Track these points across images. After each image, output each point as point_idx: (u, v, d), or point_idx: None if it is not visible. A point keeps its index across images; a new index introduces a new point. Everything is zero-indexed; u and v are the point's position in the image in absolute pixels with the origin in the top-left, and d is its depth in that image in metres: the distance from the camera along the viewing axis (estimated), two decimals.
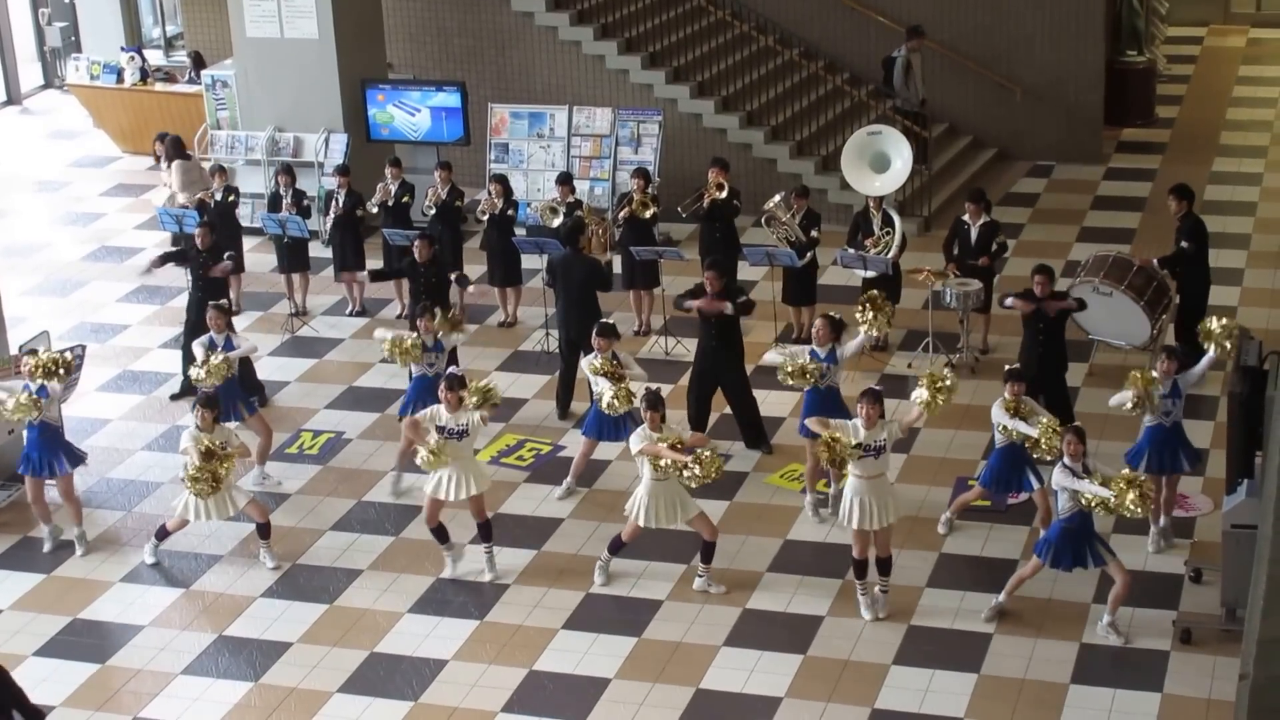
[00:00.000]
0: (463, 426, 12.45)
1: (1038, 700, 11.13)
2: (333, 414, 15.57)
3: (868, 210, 16.32)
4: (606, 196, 19.19)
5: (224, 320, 14.15)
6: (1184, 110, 23.43)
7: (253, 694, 11.61)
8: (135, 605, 12.72)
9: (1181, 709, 10.99)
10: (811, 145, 19.95)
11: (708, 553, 12.42)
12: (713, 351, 14.26)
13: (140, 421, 15.58)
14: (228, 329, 14.18)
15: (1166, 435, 12.53)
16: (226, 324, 14.18)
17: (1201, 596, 12.09)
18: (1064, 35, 20.98)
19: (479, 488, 12.58)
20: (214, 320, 14.11)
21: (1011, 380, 12.50)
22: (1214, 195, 19.88)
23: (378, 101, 19.55)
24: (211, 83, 20.57)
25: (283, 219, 17.21)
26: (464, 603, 12.52)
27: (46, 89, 26.46)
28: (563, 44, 20.21)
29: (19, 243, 20.22)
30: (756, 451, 14.42)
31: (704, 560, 12.46)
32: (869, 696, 11.25)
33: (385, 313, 17.61)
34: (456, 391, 12.48)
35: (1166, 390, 12.43)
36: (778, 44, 21.05)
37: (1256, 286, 17.42)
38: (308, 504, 13.95)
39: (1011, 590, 11.92)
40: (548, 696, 11.42)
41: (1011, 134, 21.26)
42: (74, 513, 13.47)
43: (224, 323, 14.13)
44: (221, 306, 14.35)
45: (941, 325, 16.02)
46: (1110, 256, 15.47)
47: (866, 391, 11.91)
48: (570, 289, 15.18)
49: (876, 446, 11.77)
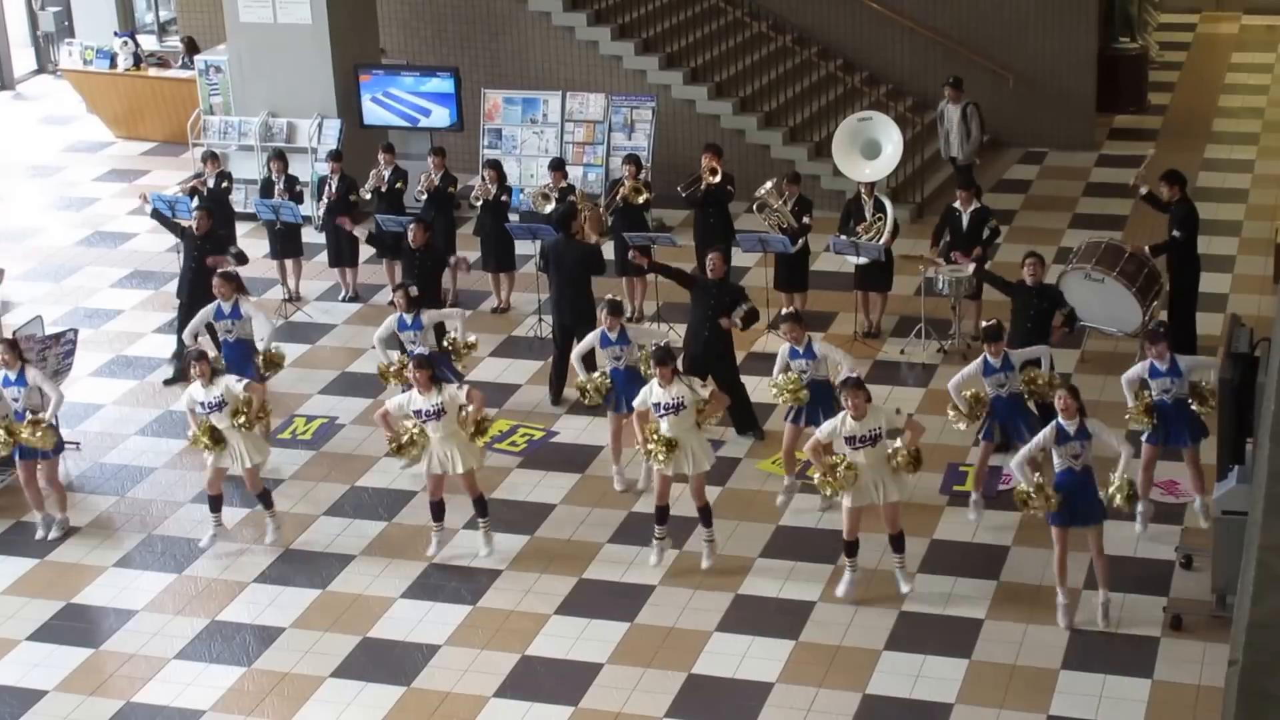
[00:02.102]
0: (437, 406, 12.38)
1: (1029, 685, 11.16)
2: (326, 399, 15.58)
3: (859, 197, 16.34)
4: (600, 183, 19.19)
5: (230, 287, 14.14)
6: (1176, 97, 23.46)
7: (245, 679, 11.62)
8: (128, 590, 12.73)
9: (1171, 695, 11.02)
10: (804, 131, 19.96)
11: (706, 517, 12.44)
12: (704, 338, 14.27)
13: (133, 407, 15.58)
14: (236, 293, 14.17)
15: (1167, 412, 12.54)
16: (235, 289, 14.17)
17: (1192, 583, 12.11)
18: (1057, 22, 20.98)
19: (465, 465, 12.53)
20: (220, 288, 14.13)
21: (990, 340, 12.60)
22: (1206, 182, 19.91)
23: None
24: (205, 68, 20.55)
25: (276, 205, 17.22)
26: (456, 588, 12.54)
27: (40, 74, 26.43)
28: (556, 30, 20.20)
29: (12, 228, 20.20)
30: (748, 438, 14.44)
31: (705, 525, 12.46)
32: (860, 681, 11.27)
33: (378, 299, 17.61)
34: (426, 370, 12.39)
35: (1165, 369, 12.46)
36: (770, 30, 21.05)
37: (1248, 273, 17.45)
38: (301, 489, 13.96)
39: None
40: (540, 681, 11.43)
41: (1004, 120, 21.26)
42: (59, 499, 13.48)
43: (230, 290, 14.13)
44: (229, 274, 14.36)
45: (933, 311, 16.04)
46: (1102, 243, 15.49)
47: (845, 382, 11.85)
48: (563, 274, 15.19)
49: (872, 435, 11.70)
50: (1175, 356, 12.49)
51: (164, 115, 22.71)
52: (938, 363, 15.70)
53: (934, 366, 15.65)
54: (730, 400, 13.08)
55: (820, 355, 13.15)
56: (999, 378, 12.78)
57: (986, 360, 12.79)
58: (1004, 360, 12.74)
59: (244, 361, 14.12)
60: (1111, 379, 15.06)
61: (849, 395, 11.65)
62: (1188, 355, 12.81)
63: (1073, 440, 11.45)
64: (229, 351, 14.23)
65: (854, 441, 11.69)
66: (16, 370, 13.15)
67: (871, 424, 11.69)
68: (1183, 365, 12.51)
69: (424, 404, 12.41)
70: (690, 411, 12.19)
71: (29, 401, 13.11)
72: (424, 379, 12.37)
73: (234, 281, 14.28)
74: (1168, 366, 12.45)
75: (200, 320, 14.34)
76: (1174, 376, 12.47)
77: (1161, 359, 12.45)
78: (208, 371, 12.71)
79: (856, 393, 11.65)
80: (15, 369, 13.14)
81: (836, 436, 11.74)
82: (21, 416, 13.08)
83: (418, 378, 12.39)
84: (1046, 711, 10.91)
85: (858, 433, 11.67)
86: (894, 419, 11.80)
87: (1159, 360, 12.44)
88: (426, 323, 14.06)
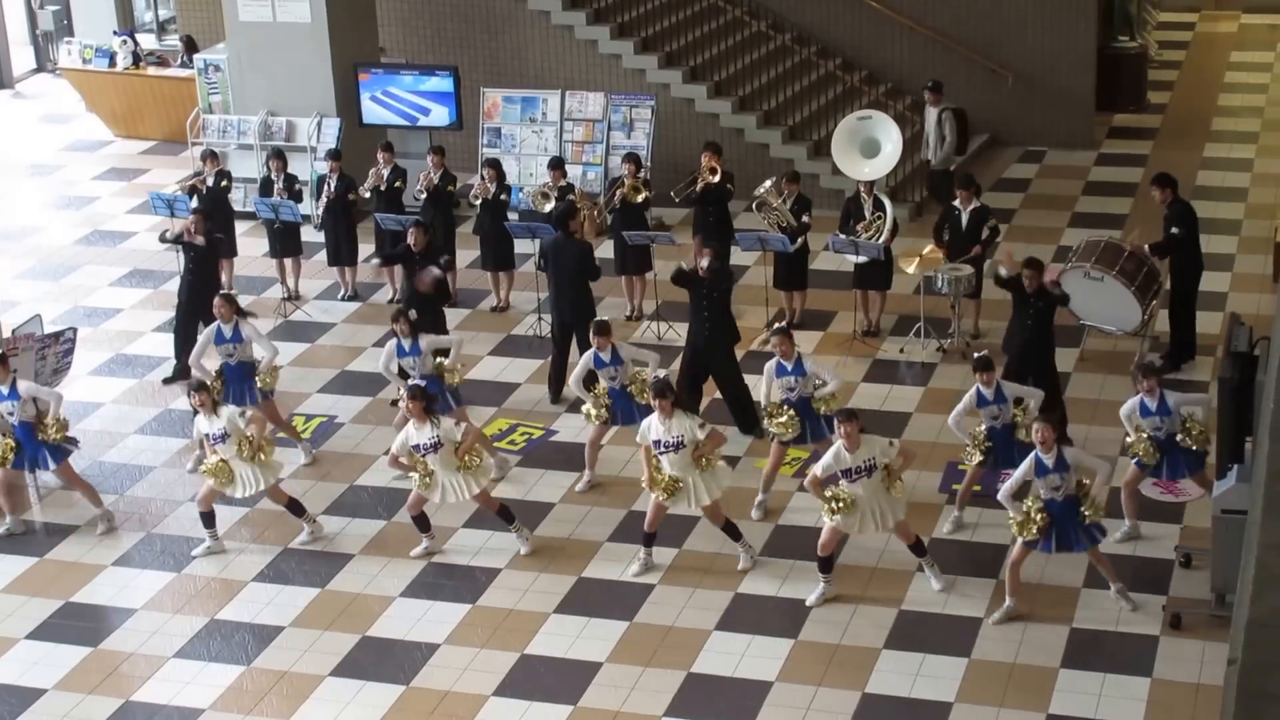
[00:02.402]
0: (434, 439, 12.32)
1: (1028, 684, 11.15)
2: (325, 398, 15.57)
3: (859, 196, 16.33)
4: (599, 181, 19.18)
5: (230, 309, 14.01)
6: (1175, 96, 23.45)
7: (245, 678, 11.61)
8: (128, 589, 12.72)
9: (1171, 694, 11.01)
10: (803, 130, 19.95)
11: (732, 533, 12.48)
12: (705, 336, 14.27)
13: (133, 406, 15.58)
14: (236, 316, 14.02)
15: (1161, 447, 12.37)
16: (234, 311, 14.03)
17: (1191, 582, 12.10)
18: (1056, 20, 20.97)
19: (471, 489, 12.50)
20: (220, 309, 13.97)
21: (981, 370, 12.58)
22: (1205, 181, 19.90)
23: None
24: (204, 67, 20.55)
25: (275, 204, 17.21)
26: (456, 587, 12.53)
27: (39, 73, 26.43)
28: (556, 28, 20.19)
29: (11, 227, 20.19)
30: (748, 437, 14.43)
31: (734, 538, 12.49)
32: (860, 680, 11.26)
33: (377, 298, 17.61)
34: (419, 402, 12.28)
35: (1154, 407, 12.30)
36: (770, 29, 21.04)
37: (1247, 272, 17.43)
38: (300, 488, 13.93)
39: (1014, 585, 11.81)
40: (539, 680, 11.43)
41: (1003, 119, 21.26)
42: (89, 496, 13.51)
43: (230, 311, 13.99)
44: (228, 295, 14.27)
45: (932, 310, 16.03)
46: (1101, 242, 15.47)
47: (840, 412, 11.84)
48: (562, 273, 15.17)
49: (868, 465, 11.66)
50: (1165, 393, 12.33)
51: (163, 114, 22.69)
52: (937, 362, 15.69)
53: (933, 365, 15.64)
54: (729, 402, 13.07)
55: (810, 372, 13.10)
56: (992, 409, 12.69)
57: (979, 391, 12.73)
58: (997, 391, 12.67)
59: (244, 383, 14.02)
60: (1111, 378, 15.09)
61: (843, 425, 11.61)
62: (1176, 392, 12.56)
63: (1052, 473, 11.49)
64: (230, 373, 14.02)
65: (849, 474, 11.68)
66: (8, 384, 13.09)
67: (865, 455, 11.63)
68: (1171, 402, 12.33)
69: (420, 438, 12.35)
70: (689, 450, 12.16)
71: (24, 413, 13.10)
72: (417, 410, 12.28)
73: (234, 304, 14.18)
74: (1157, 404, 12.29)
75: (202, 345, 14.07)
76: (1163, 414, 12.31)
77: (1151, 395, 12.27)
78: (209, 402, 12.64)
79: (850, 423, 11.60)
80: (7, 382, 13.09)
81: (833, 470, 11.73)
82: (23, 429, 13.07)
83: (411, 409, 12.32)
84: (1046, 710, 10.90)
85: (852, 464, 11.64)
86: (887, 450, 11.73)
87: (1149, 396, 12.27)
88: (425, 348, 13.92)
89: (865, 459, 11.63)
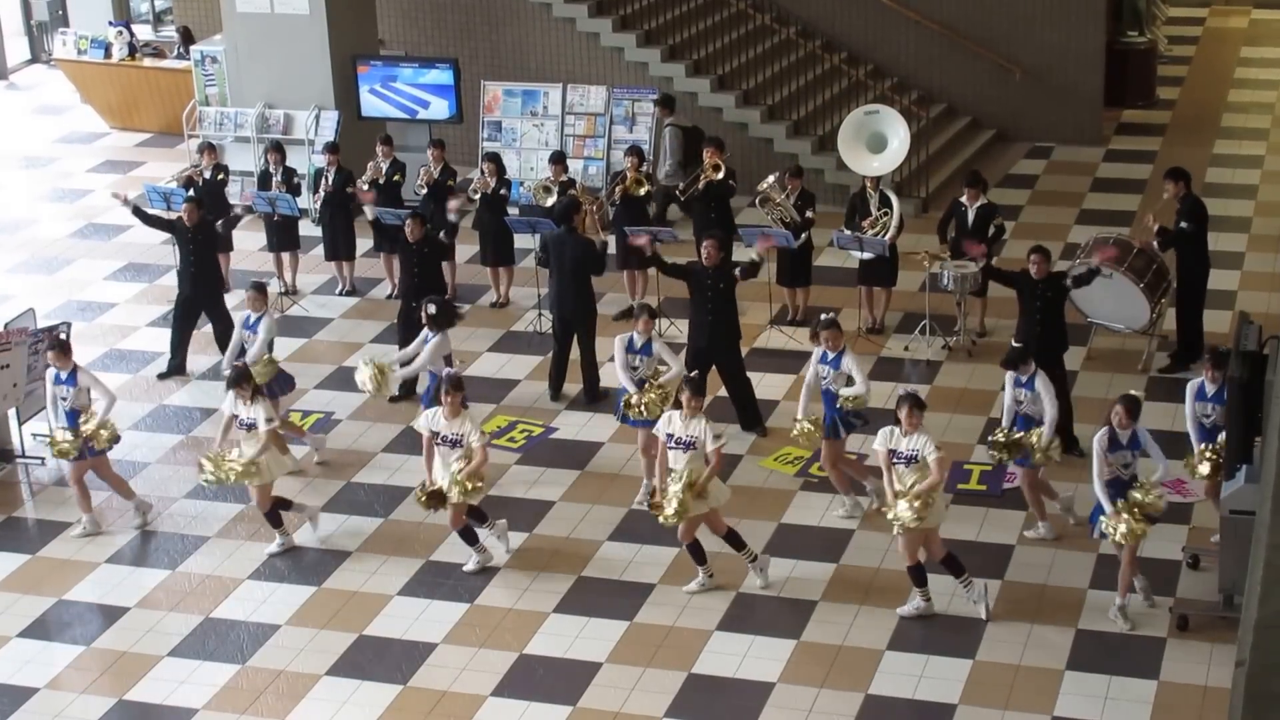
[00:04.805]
0: (457, 436, 12.13)
1: (1033, 686, 11.05)
2: (322, 394, 15.45)
3: (864, 191, 16.19)
4: (600, 176, 19.06)
5: (262, 299, 14.05)
6: (1185, 92, 23.32)
7: (240, 676, 11.52)
8: (121, 587, 12.61)
9: (1178, 695, 10.90)
10: (808, 125, 19.82)
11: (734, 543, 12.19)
12: (708, 333, 14.12)
13: (127, 401, 15.41)
14: (265, 307, 14.05)
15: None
16: (264, 303, 14.06)
17: (1199, 583, 11.99)
18: (1064, 15, 20.86)
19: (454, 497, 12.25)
20: (251, 300, 14.03)
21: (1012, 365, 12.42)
22: (1215, 178, 19.77)
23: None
24: (200, 58, 20.43)
25: (272, 197, 17.08)
26: (454, 586, 12.42)
27: (33, 64, 26.29)
28: (557, 21, 20.07)
29: (5, 219, 20.08)
30: (751, 434, 14.29)
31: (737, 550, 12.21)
32: (863, 682, 11.16)
33: (375, 292, 17.48)
34: (458, 394, 12.08)
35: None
36: (774, 23, 20.92)
37: (1257, 270, 17.31)
38: (296, 485, 13.82)
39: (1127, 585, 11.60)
40: (538, 680, 11.33)
41: (1010, 115, 21.14)
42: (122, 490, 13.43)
43: (262, 301, 14.02)
44: (261, 285, 14.28)
45: (938, 308, 15.90)
46: (1110, 239, 15.36)
47: (907, 396, 11.62)
48: (563, 268, 15.05)
49: (909, 454, 11.50)
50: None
51: (159, 106, 22.57)
52: (942, 359, 15.57)
53: (938, 363, 15.52)
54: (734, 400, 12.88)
55: (844, 369, 12.88)
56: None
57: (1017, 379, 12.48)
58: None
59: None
60: (1119, 376, 14.97)
61: (909, 408, 11.48)
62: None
63: (1124, 449, 11.44)
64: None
65: (895, 455, 11.55)
66: (69, 370, 13.10)
67: (915, 443, 11.49)
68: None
69: (446, 429, 12.15)
70: (700, 454, 11.90)
71: (77, 401, 13.07)
72: (455, 402, 12.08)
73: (265, 293, 14.22)
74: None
75: (237, 340, 14.16)
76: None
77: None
78: (249, 391, 12.63)
79: (915, 410, 11.49)
80: (68, 368, 13.10)
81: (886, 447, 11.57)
82: (71, 415, 13.05)
83: (449, 402, 12.08)
84: (1051, 712, 10.81)
85: (901, 448, 11.51)
86: (932, 454, 11.52)
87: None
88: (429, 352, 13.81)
89: (913, 448, 11.47)
